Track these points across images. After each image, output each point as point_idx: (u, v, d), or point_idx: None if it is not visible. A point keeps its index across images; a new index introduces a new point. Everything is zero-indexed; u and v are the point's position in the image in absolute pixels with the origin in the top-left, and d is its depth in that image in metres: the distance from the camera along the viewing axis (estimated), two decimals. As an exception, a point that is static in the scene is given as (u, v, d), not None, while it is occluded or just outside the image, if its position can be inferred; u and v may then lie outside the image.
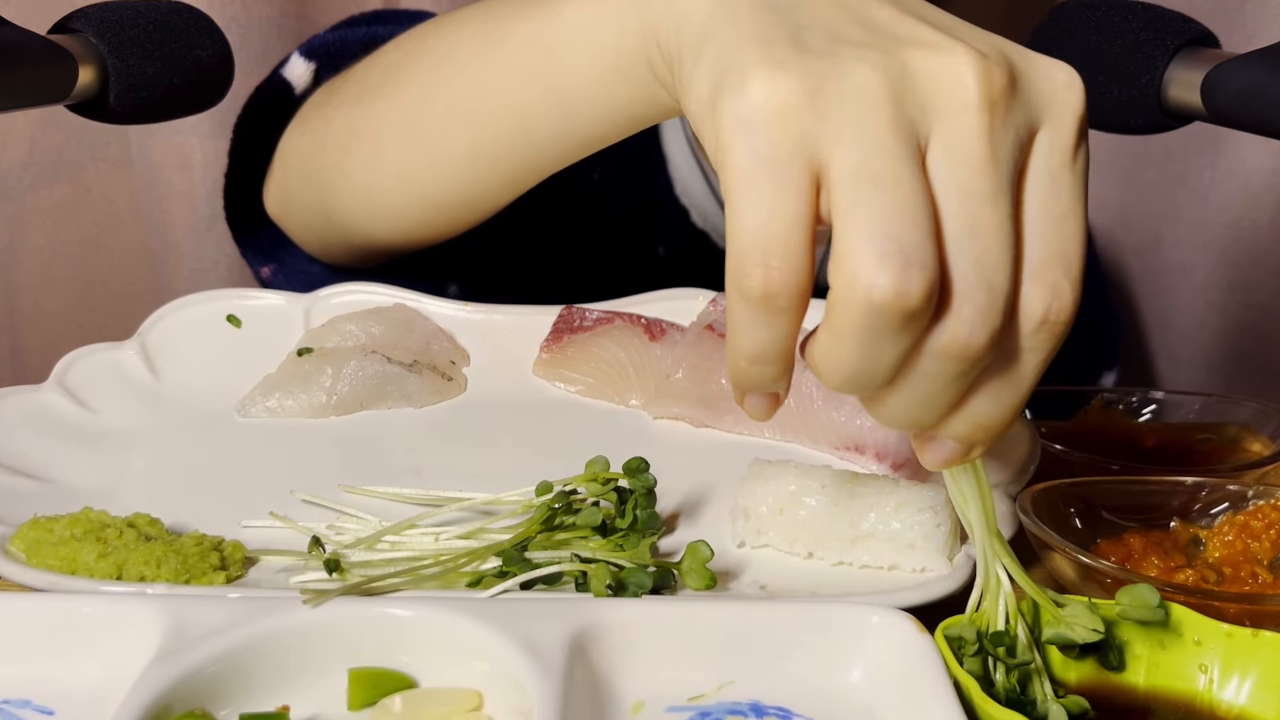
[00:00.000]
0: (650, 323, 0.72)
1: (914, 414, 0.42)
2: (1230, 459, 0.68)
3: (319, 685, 0.45)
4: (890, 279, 0.38)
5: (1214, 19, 0.73)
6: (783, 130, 0.40)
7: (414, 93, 0.69)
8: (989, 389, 0.42)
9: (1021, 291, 0.41)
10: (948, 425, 0.43)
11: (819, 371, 0.42)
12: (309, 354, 0.70)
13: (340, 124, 0.73)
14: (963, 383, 0.41)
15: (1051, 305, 0.41)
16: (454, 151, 0.67)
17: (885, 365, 0.40)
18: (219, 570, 0.51)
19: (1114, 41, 0.58)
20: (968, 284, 0.40)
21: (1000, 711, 0.42)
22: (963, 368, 0.41)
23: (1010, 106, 0.41)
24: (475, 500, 0.57)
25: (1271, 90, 0.52)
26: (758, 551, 0.56)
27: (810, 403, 0.65)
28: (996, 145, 0.40)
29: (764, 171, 0.40)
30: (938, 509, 0.53)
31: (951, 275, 0.40)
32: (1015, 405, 0.43)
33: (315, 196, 0.76)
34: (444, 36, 0.69)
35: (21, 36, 0.55)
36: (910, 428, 0.44)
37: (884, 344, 0.39)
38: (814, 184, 0.40)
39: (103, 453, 0.63)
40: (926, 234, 0.39)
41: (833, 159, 0.39)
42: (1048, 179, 0.42)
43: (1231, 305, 1.24)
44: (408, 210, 0.72)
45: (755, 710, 0.45)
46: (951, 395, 0.42)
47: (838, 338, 0.40)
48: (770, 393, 0.44)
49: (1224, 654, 0.47)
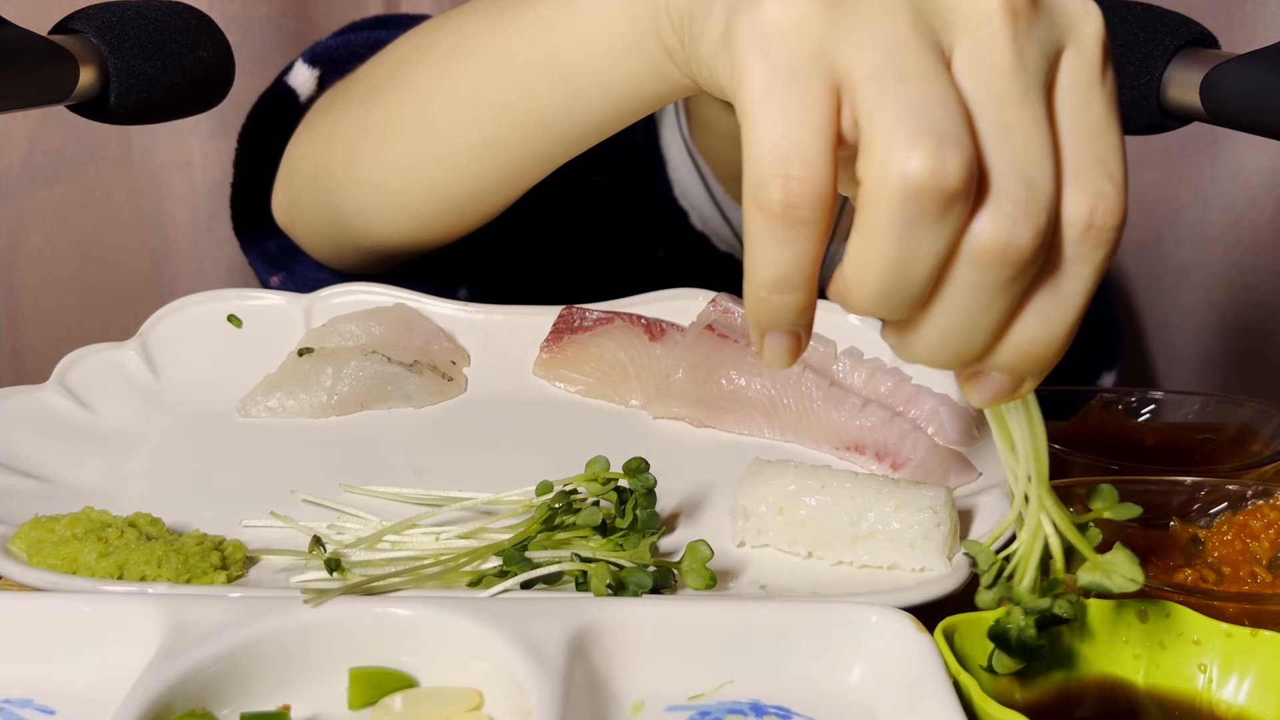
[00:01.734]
0: (650, 323, 0.72)
1: (956, 341, 0.39)
2: (1230, 459, 0.68)
3: (320, 685, 0.45)
4: (925, 158, 0.36)
5: (1214, 19, 0.73)
6: (800, 40, 0.38)
7: (421, 86, 0.69)
8: (1036, 309, 0.39)
9: (1063, 197, 0.39)
10: (995, 355, 0.40)
11: (848, 288, 0.39)
12: (309, 354, 0.70)
13: (347, 124, 0.73)
14: (1007, 296, 0.39)
15: (1097, 208, 0.39)
16: (463, 143, 0.67)
17: (923, 268, 0.38)
18: (220, 570, 0.52)
19: (1114, 42, 0.58)
20: (1006, 181, 0.37)
21: (1000, 711, 0.42)
22: (1006, 274, 0.38)
23: (1034, 20, 0.39)
24: (475, 500, 0.57)
25: (1271, 91, 0.53)
26: (758, 551, 0.56)
27: (810, 403, 0.65)
28: (1023, 52, 0.38)
29: (782, 82, 0.38)
30: (937, 509, 0.53)
31: (989, 173, 0.37)
32: (1067, 328, 0.40)
33: (324, 200, 0.76)
34: (451, 30, 0.69)
35: (22, 37, 0.55)
36: (953, 362, 0.40)
37: (921, 238, 0.37)
38: (834, 95, 0.38)
39: (103, 453, 0.63)
40: (960, 119, 0.37)
41: (855, 65, 0.38)
42: (1078, 94, 0.40)
43: (1231, 305, 1.24)
44: (416, 207, 0.71)
45: (755, 710, 0.45)
46: (996, 314, 0.39)
47: (869, 237, 0.37)
48: (791, 331, 0.41)
49: (1223, 654, 0.47)
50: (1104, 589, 0.44)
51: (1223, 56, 0.56)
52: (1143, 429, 0.72)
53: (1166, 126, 0.59)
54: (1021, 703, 0.46)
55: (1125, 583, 0.44)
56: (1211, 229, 1.22)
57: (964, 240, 0.37)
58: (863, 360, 0.68)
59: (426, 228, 0.73)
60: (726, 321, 0.71)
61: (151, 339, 0.71)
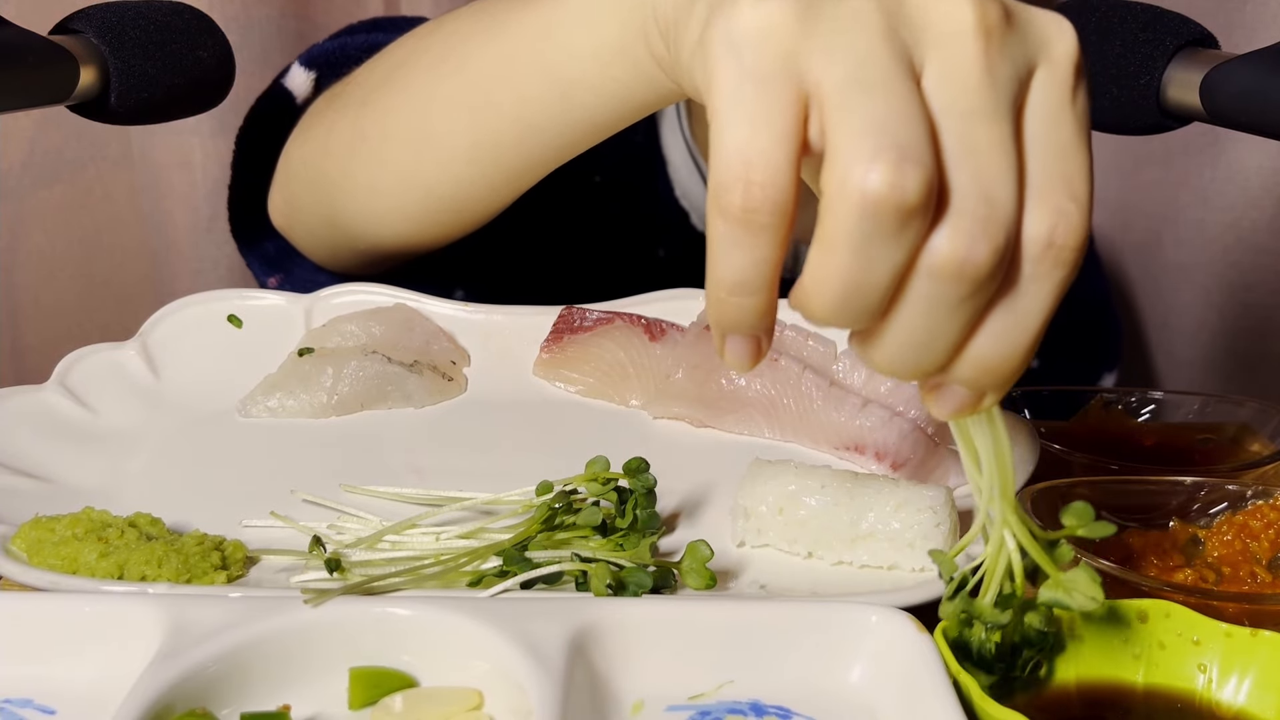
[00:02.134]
0: (650, 323, 0.72)
1: (914, 354, 0.40)
2: (1230, 459, 0.68)
3: (320, 685, 0.45)
4: (885, 173, 0.36)
5: (1214, 19, 0.73)
6: (771, 47, 0.39)
7: (417, 90, 0.69)
8: (995, 326, 0.40)
9: (1024, 214, 0.39)
10: (954, 369, 0.40)
11: (807, 297, 0.39)
12: (310, 354, 0.70)
13: (344, 127, 0.73)
14: (965, 312, 0.39)
15: (1058, 227, 0.39)
16: (458, 147, 0.67)
17: (880, 281, 0.38)
18: (220, 570, 0.52)
19: (1114, 42, 0.58)
20: (966, 198, 0.38)
21: (1000, 711, 0.42)
22: (964, 290, 0.38)
23: (1006, 38, 0.39)
24: (475, 500, 0.57)
25: (1271, 91, 0.53)
26: (758, 551, 0.56)
27: (810, 403, 0.65)
28: (993, 69, 0.39)
29: (749, 87, 0.39)
30: (938, 509, 0.53)
31: (949, 189, 0.38)
32: (1026, 345, 0.40)
33: (321, 202, 0.76)
34: (446, 34, 0.69)
35: (22, 37, 0.55)
36: (912, 373, 0.41)
37: (878, 251, 0.37)
38: (801, 103, 0.38)
39: (104, 452, 0.63)
40: (923, 135, 0.37)
41: (824, 74, 0.38)
42: (1047, 114, 0.40)
43: (1231, 305, 1.24)
44: (413, 210, 0.72)
45: (755, 709, 0.45)
46: (954, 329, 0.39)
47: (828, 248, 0.38)
48: (752, 335, 0.42)
49: (1223, 653, 0.47)
50: (1064, 606, 0.44)
51: (1223, 56, 0.56)
52: (1142, 429, 0.72)
53: (1166, 126, 0.59)
54: (1021, 703, 0.46)
55: (1085, 600, 0.44)
56: (1211, 229, 1.22)
57: (922, 255, 0.38)
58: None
59: (423, 230, 0.73)
60: (726, 321, 0.71)
61: (151, 339, 0.71)
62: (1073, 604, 0.44)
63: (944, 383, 0.41)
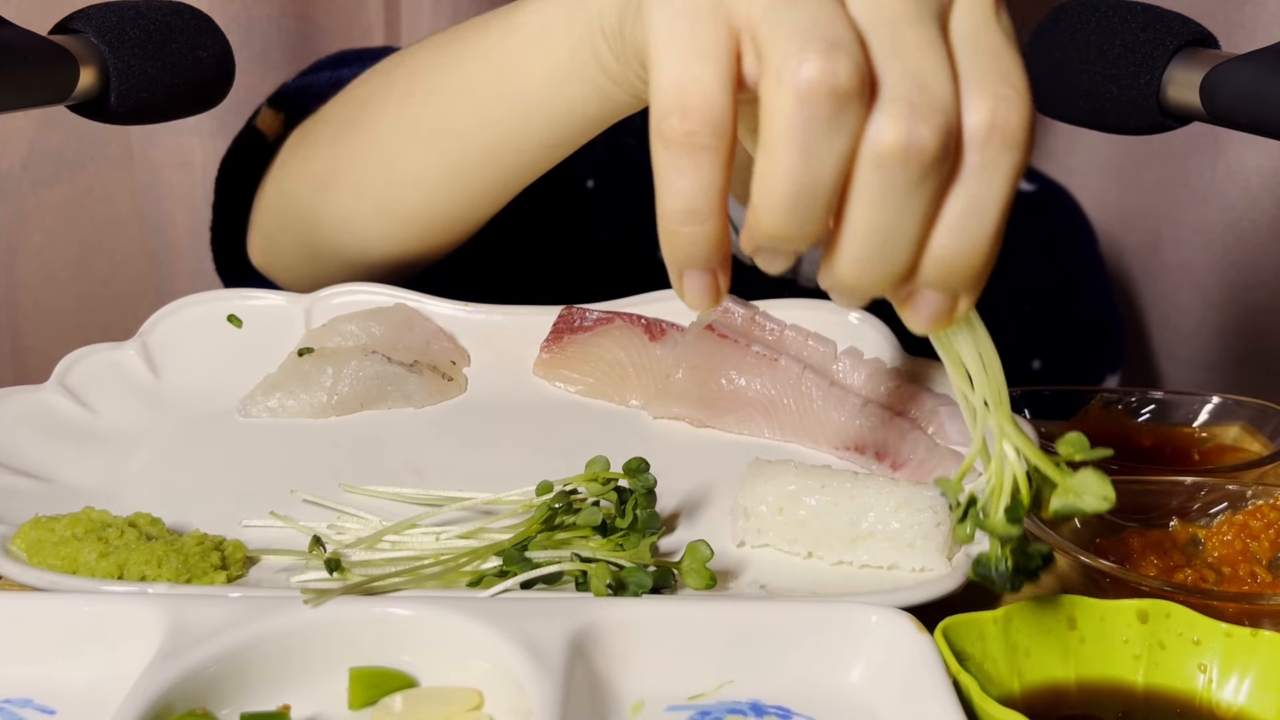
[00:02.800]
0: (650, 323, 0.72)
1: (877, 255, 0.40)
2: (1230, 459, 0.68)
3: (320, 684, 0.45)
4: (815, 60, 0.38)
5: (1214, 19, 0.73)
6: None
7: (386, 124, 0.70)
8: (952, 217, 0.40)
9: (963, 106, 0.40)
10: (920, 271, 0.41)
11: (757, 213, 0.40)
12: (309, 354, 0.70)
13: (318, 163, 0.75)
14: (918, 201, 0.39)
15: (998, 110, 0.39)
16: (429, 176, 0.69)
17: (826, 172, 0.39)
18: (220, 570, 0.52)
19: (1114, 42, 0.58)
20: (899, 85, 0.39)
21: (1000, 711, 0.42)
22: (912, 175, 0.39)
23: None
24: (475, 500, 0.58)
25: (1271, 91, 0.53)
26: (758, 551, 0.56)
27: (810, 403, 0.65)
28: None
29: (681, 24, 0.40)
30: (937, 509, 0.53)
31: (881, 83, 0.39)
32: (988, 236, 0.40)
33: (300, 237, 0.78)
34: (409, 67, 0.71)
35: (22, 37, 0.55)
36: (880, 279, 0.41)
37: (820, 142, 0.38)
38: (733, 36, 0.40)
39: (104, 452, 0.63)
40: (849, 31, 0.39)
41: (751, 6, 0.40)
42: (973, 25, 0.41)
43: (1231, 305, 1.24)
44: (395, 234, 0.73)
45: (755, 709, 0.45)
46: (910, 222, 0.39)
47: (771, 149, 0.39)
48: (708, 269, 0.42)
49: (1223, 653, 0.47)
50: (1077, 510, 0.43)
51: (1223, 56, 0.56)
52: (1142, 429, 0.72)
53: (1166, 126, 0.59)
54: (1021, 703, 0.46)
55: (1098, 501, 0.43)
56: (1211, 229, 1.22)
57: (864, 145, 0.39)
58: (863, 360, 0.68)
59: (405, 254, 0.74)
60: (726, 321, 0.71)
61: (151, 339, 0.71)
62: (1085, 506, 0.43)
63: (915, 289, 0.42)
